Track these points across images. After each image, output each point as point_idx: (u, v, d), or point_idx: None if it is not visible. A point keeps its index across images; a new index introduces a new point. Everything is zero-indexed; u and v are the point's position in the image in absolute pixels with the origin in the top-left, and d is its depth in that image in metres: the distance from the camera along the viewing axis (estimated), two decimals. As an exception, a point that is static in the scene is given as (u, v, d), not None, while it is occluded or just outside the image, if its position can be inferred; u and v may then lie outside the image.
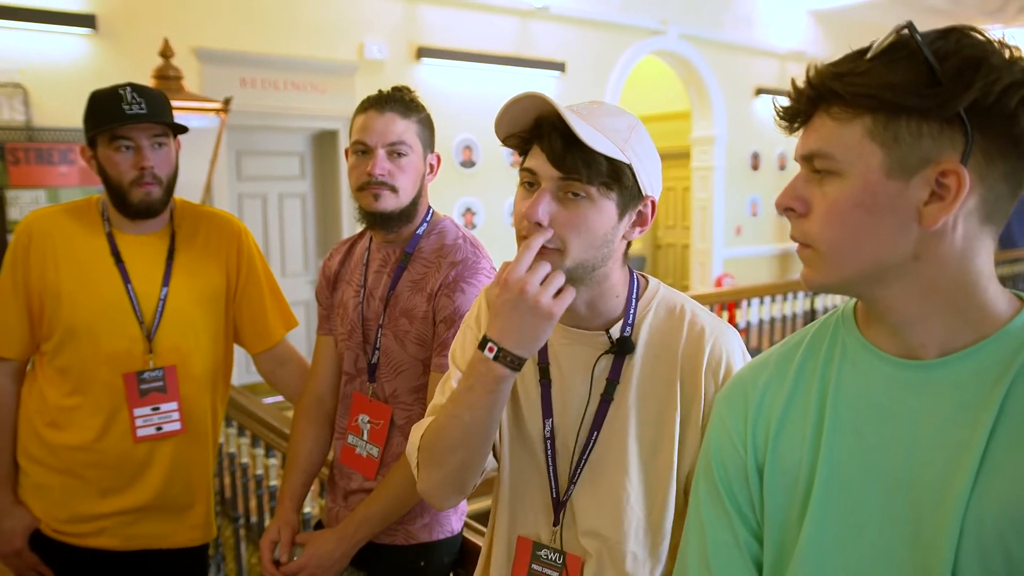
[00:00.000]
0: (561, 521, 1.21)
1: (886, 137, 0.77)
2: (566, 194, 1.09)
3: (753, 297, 6.36)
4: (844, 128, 0.79)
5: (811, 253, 0.84)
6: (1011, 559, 0.74)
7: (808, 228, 0.84)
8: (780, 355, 0.98)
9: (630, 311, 1.19)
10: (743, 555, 0.95)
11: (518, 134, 1.13)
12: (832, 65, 0.81)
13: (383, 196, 1.56)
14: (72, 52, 4.91)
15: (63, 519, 1.79)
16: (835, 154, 0.80)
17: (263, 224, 6.02)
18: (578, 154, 1.06)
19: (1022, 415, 0.76)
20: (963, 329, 0.81)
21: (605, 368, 1.18)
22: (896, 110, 0.76)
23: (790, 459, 0.90)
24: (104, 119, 1.70)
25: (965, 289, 0.80)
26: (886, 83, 0.76)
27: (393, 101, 1.58)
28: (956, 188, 0.75)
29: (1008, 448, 0.76)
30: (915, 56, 0.76)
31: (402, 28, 6.29)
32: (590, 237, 1.10)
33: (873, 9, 9.16)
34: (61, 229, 1.78)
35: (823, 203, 0.81)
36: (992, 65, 0.74)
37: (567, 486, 1.20)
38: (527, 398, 1.25)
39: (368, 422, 1.64)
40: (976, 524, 0.75)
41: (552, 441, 1.21)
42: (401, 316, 1.60)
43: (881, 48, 0.77)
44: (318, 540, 1.58)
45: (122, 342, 1.76)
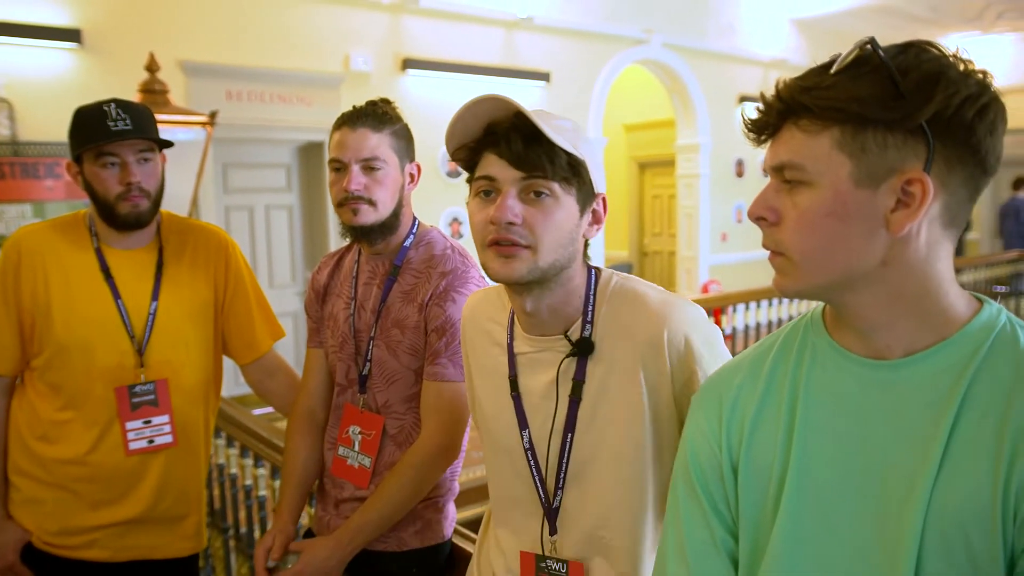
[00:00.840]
0: (557, 529, 1.23)
1: (854, 148, 0.80)
2: (529, 194, 1.11)
3: (739, 303, 6.42)
4: (813, 140, 0.82)
5: (784, 261, 0.87)
6: (971, 548, 0.78)
7: (780, 237, 0.86)
8: (753, 358, 1.01)
9: (588, 309, 1.20)
10: (719, 552, 0.98)
11: (467, 145, 1.16)
12: (800, 79, 0.84)
13: (361, 210, 1.59)
14: (58, 66, 4.92)
15: (54, 532, 1.80)
16: (805, 165, 0.82)
17: (250, 236, 6.03)
18: (540, 151, 1.09)
19: (980, 412, 0.80)
20: (926, 330, 0.85)
21: (570, 370, 1.20)
22: (863, 122, 0.79)
23: (763, 458, 0.93)
24: (90, 136, 1.72)
25: (928, 293, 0.84)
26: (852, 96, 0.79)
27: (365, 116, 1.60)
28: (921, 195, 0.79)
29: (967, 443, 0.79)
30: (879, 70, 0.79)
31: (388, 40, 6.32)
32: (559, 234, 1.13)
33: (854, 18, 9.27)
34: (50, 245, 1.80)
35: (794, 212, 0.84)
36: (950, 79, 0.78)
37: (555, 493, 1.22)
38: (502, 413, 1.26)
39: (359, 433, 1.66)
40: (939, 516, 0.79)
41: (532, 451, 1.23)
42: (393, 327, 1.63)
43: (846, 62, 0.80)
44: (314, 547, 1.59)
45: (113, 357, 1.78)
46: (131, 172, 1.74)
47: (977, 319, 0.84)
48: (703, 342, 1.17)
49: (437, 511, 1.68)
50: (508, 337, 1.27)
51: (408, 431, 1.63)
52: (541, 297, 1.18)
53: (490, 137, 1.13)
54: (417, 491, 1.58)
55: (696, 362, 1.16)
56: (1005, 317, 0.85)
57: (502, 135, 1.11)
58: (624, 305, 1.20)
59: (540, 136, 1.09)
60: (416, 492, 1.58)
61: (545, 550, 1.24)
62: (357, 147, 1.58)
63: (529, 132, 1.09)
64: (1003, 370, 0.81)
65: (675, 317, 1.16)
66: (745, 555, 0.96)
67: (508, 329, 1.28)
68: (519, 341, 1.25)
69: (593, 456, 1.19)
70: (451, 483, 1.71)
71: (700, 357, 1.16)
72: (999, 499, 0.76)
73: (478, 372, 1.34)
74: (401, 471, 1.57)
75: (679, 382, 1.16)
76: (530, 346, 1.24)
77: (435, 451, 1.57)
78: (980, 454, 0.79)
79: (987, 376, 0.81)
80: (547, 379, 1.22)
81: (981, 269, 8.54)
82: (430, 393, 1.58)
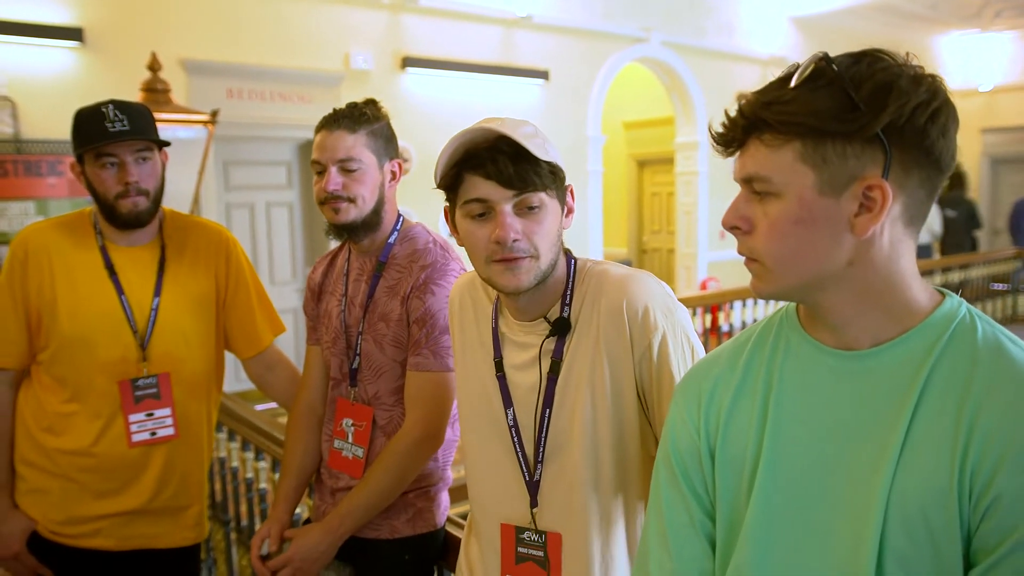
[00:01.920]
0: (538, 502, 1.30)
1: (815, 159, 0.85)
2: (522, 208, 1.20)
3: (737, 300, 6.45)
4: (776, 153, 0.86)
5: (758, 266, 0.92)
6: (931, 527, 0.83)
7: (753, 244, 0.91)
8: (731, 351, 1.06)
9: (567, 292, 1.29)
10: (698, 534, 1.03)
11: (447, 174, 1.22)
12: (760, 94, 0.88)
13: (342, 208, 1.65)
14: (60, 65, 4.96)
15: (60, 521, 1.85)
16: (771, 177, 0.87)
17: (251, 233, 6.07)
18: (528, 167, 1.18)
19: (939, 399, 0.85)
20: (891, 323, 0.90)
21: (549, 350, 1.28)
22: (822, 135, 0.84)
23: (738, 444, 0.99)
24: (88, 137, 1.77)
25: (893, 288, 0.90)
26: (810, 110, 0.83)
27: (342, 119, 1.66)
28: (881, 200, 0.84)
29: (927, 429, 0.84)
30: (834, 84, 0.83)
31: (387, 38, 6.36)
32: (552, 238, 1.23)
33: (853, 15, 9.29)
34: (56, 243, 1.84)
35: (765, 221, 0.89)
36: (901, 88, 0.82)
37: (535, 467, 1.30)
38: (488, 393, 1.34)
39: (352, 425, 1.72)
40: (900, 497, 0.84)
41: (516, 428, 1.31)
42: (379, 321, 1.69)
43: (803, 77, 0.85)
44: (304, 533, 1.66)
45: (116, 351, 1.83)
46: (129, 172, 1.79)
47: (939, 311, 0.90)
48: (661, 312, 1.24)
49: (429, 500, 1.73)
50: (494, 321, 1.36)
51: (397, 422, 1.68)
52: (535, 293, 1.27)
53: (473, 160, 1.19)
54: (402, 478, 1.64)
55: (653, 332, 1.22)
56: (965, 309, 0.90)
57: (487, 158, 1.18)
58: (593, 282, 1.29)
59: (522, 153, 1.17)
60: (401, 479, 1.64)
61: (525, 522, 1.32)
62: (333, 148, 1.64)
63: (511, 150, 1.17)
64: (961, 359, 0.86)
65: (634, 288, 1.24)
66: (721, 536, 1.01)
67: (494, 314, 1.36)
68: (506, 325, 1.34)
69: (567, 430, 1.27)
70: (443, 472, 1.76)
71: (656, 326, 1.23)
72: (955, 481, 0.81)
73: (465, 353, 1.41)
74: (386, 458, 1.63)
75: (638, 353, 1.23)
76: (516, 329, 1.32)
77: (418, 439, 1.62)
78: (939, 439, 0.83)
79: (946, 365, 0.86)
80: (530, 359, 1.30)
81: (980, 267, 8.56)
82: (413, 383, 1.64)
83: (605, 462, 1.26)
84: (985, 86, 11.05)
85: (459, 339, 1.43)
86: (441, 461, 1.74)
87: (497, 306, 1.36)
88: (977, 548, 0.81)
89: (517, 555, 1.32)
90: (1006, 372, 0.83)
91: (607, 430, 1.25)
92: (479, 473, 1.39)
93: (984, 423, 0.81)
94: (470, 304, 1.42)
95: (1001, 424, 0.80)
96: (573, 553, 1.28)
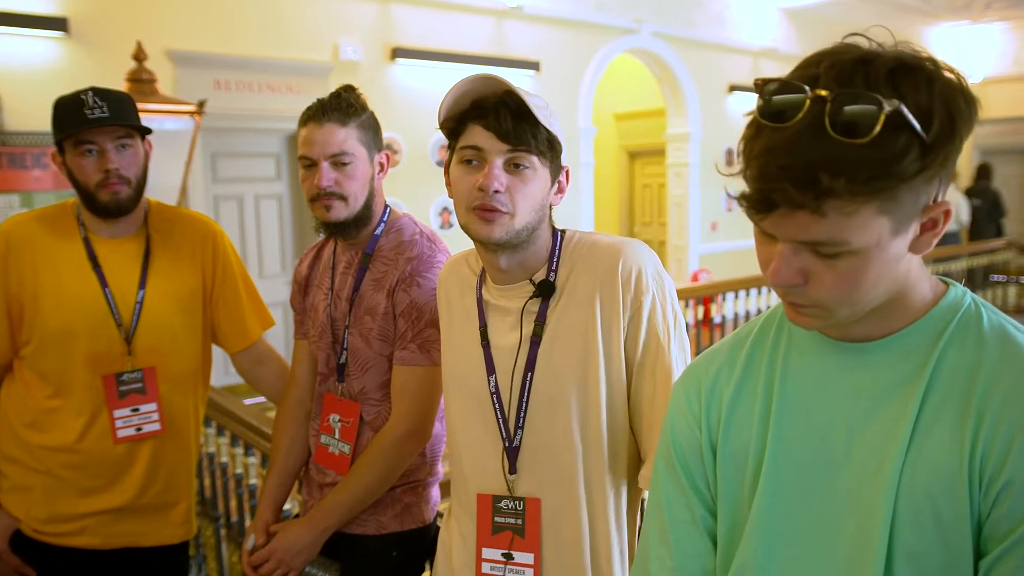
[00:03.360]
0: (516, 468, 1.30)
1: (893, 207, 0.78)
2: (510, 165, 1.23)
3: (729, 291, 6.45)
4: (853, 218, 0.77)
5: (819, 310, 0.85)
6: (940, 519, 0.81)
7: (816, 295, 0.83)
8: (731, 344, 1.04)
9: (553, 258, 1.30)
10: (699, 530, 1.01)
11: (455, 116, 1.26)
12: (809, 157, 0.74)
13: (334, 206, 1.61)
14: (44, 55, 4.89)
15: (43, 519, 1.81)
16: (849, 240, 0.78)
17: (240, 226, 6.02)
18: (527, 127, 1.21)
19: (946, 388, 0.84)
20: (898, 316, 0.88)
21: (533, 312, 1.29)
22: (901, 183, 0.76)
23: (740, 438, 0.97)
24: (67, 125, 1.73)
25: (908, 288, 0.88)
26: (891, 171, 0.74)
27: (331, 110, 1.60)
28: (944, 218, 0.82)
29: (934, 419, 0.83)
30: (901, 129, 0.73)
31: (377, 29, 6.31)
32: (533, 202, 1.25)
33: (844, 7, 9.28)
34: (38, 235, 1.80)
35: (832, 273, 0.81)
36: (962, 112, 0.76)
37: (515, 432, 1.29)
38: (472, 362, 1.34)
39: (339, 420, 1.69)
40: (909, 489, 0.82)
41: (498, 395, 1.31)
42: (366, 314, 1.65)
43: (873, 135, 0.73)
44: (287, 528, 1.65)
45: (101, 345, 1.79)
46: (109, 159, 1.75)
47: (943, 301, 0.88)
48: (653, 276, 1.27)
49: (417, 495, 1.70)
50: (478, 292, 1.37)
51: (384, 418, 1.66)
52: (513, 254, 1.29)
53: (477, 111, 1.24)
54: (388, 473, 1.61)
55: (644, 294, 1.25)
56: (970, 298, 0.89)
57: (491, 109, 1.22)
58: (584, 249, 1.31)
59: (525, 113, 1.21)
60: (387, 474, 1.61)
61: (503, 490, 1.31)
62: (325, 142, 1.59)
63: (516, 109, 1.21)
64: (967, 348, 0.85)
65: (629, 251, 1.27)
66: (724, 532, 0.99)
67: (478, 285, 1.37)
68: (489, 292, 1.35)
69: (550, 394, 1.27)
70: (432, 467, 1.73)
71: (649, 289, 1.26)
72: (965, 470, 0.80)
73: (451, 325, 1.41)
74: (371, 453, 1.61)
75: (628, 313, 1.25)
76: (499, 294, 1.33)
77: (403, 434, 1.60)
78: (946, 428, 0.82)
79: (953, 354, 0.85)
80: (511, 324, 1.31)
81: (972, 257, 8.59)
82: (399, 378, 1.62)
83: (594, 426, 1.26)
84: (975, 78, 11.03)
85: (445, 313, 1.44)
86: (430, 456, 1.72)
87: (482, 276, 1.38)
88: (988, 536, 0.79)
89: (494, 525, 1.31)
90: (1013, 359, 0.82)
91: (597, 393, 1.25)
92: (460, 444, 1.39)
93: (993, 410, 0.80)
94: (456, 280, 1.43)
95: (1010, 410, 0.79)
96: (555, 518, 1.28)
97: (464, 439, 1.37)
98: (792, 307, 0.88)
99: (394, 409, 1.62)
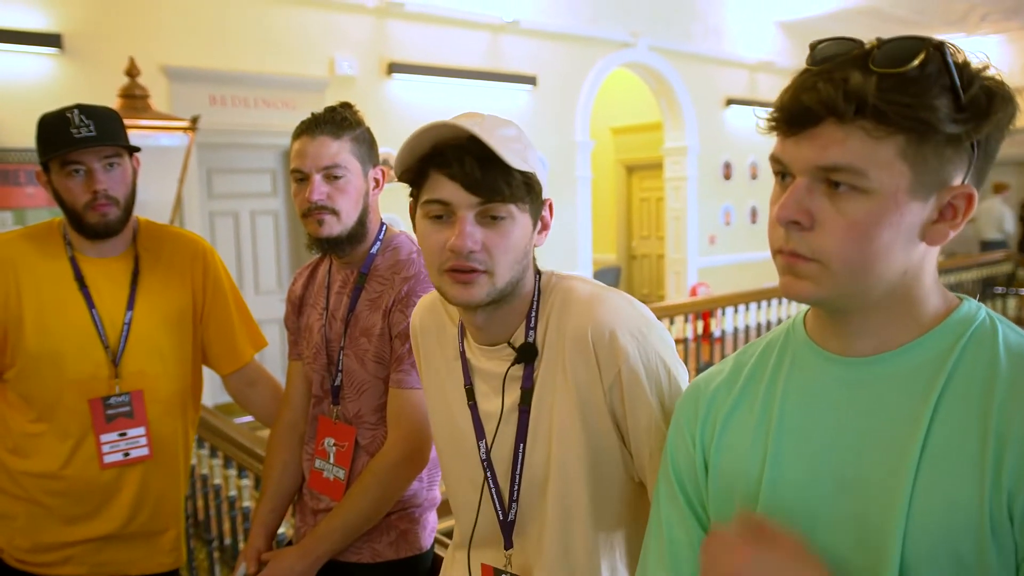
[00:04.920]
0: (512, 543, 1.20)
1: (916, 158, 0.75)
2: (486, 217, 1.08)
3: (728, 306, 6.42)
4: (878, 145, 0.75)
5: (817, 267, 0.80)
6: (960, 557, 0.74)
7: (820, 243, 0.79)
8: (735, 361, 1.00)
9: (532, 315, 1.17)
10: (697, 553, 0.95)
11: (412, 167, 1.11)
12: (860, 69, 0.76)
13: (326, 221, 1.56)
14: (37, 72, 4.86)
15: (27, 548, 1.76)
16: (868, 171, 0.76)
17: (235, 242, 5.97)
18: (498, 174, 1.05)
19: (958, 407, 0.78)
20: (908, 328, 0.83)
21: (518, 378, 1.16)
22: (928, 133, 0.75)
23: (732, 458, 0.92)
24: (53, 145, 1.68)
25: (920, 296, 0.83)
26: (927, 104, 0.74)
27: (324, 123, 1.57)
28: (966, 208, 0.78)
29: (947, 442, 0.77)
30: (943, 78, 0.74)
31: (373, 44, 6.29)
32: (515, 255, 1.11)
33: (840, 20, 9.30)
34: (23, 255, 1.75)
35: (840, 220, 0.78)
36: (1005, 97, 0.76)
37: (509, 505, 1.19)
38: (459, 424, 1.23)
39: (334, 445, 1.64)
40: (922, 523, 0.76)
41: (489, 462, 1.20)
42: (361, 335, 1.60)
43: (920, 61, 0.75)
44: (280, 555, 1.60)
45: (87, 368, 1.74)
46: (97, 180, 1.69)
47: (955, 314, 0.83)
48: (630, 335, 1.10)
49: (413, 522, 1.65)
50: (460, 346, 1.24)
51: (380, 442, 1.61)
52: (494, 311, 1.15)
53: (440, 157, 1.07)
54: (383, 500, 1.56)
55: (623, 358, 1.09)
56: (984, 313, 0.83)
57: (453, 157, 1.05)
58: (557, 303, 1.16)
59: (494, 157, 1.04)
60: (382, 501, 1.56)
61: (501, 564, 1.22)
62: (317, 155, 1.55)
63: (482, 153, 1.04)
64: (981, 364, 0.79)
65: (599, 311, 1.12)
66: None
67: (459, 339, 1.25)
68: (471, 352, 1.22)
69: (544, 466, 1.16)
70: (428, 492, 1.68)
71: (626, 352, 1.09)
72: (987, 504, 0.74)
73: (432, 381, 1.31)
74: (365, 480, 1.56)
75: (607, 381, 1.11)
76: (479, 354, 1.21)
77: (399, 459, 1.55)
78: (963, 456, 0.76)
79: (965, 370, 0.79)
80: (496, 387, 1.18)
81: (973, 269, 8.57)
82: (395, 401, 1.56)
83: (579, 500, 1.14)
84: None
85: (424, 366, 1.33)
86: (427, 481, 1.66)
87: (462, 329, 1.24)
88: None
89: None
90: None
91: (579, 466, 1.13)
92: (458, 506, 1.29)
93: (1016, 433, 0.73)
94: (432, 328, 1.30)
95: None
96: None
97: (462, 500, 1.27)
98: (788, 267, 0.82)
99: (390, 434, 1.57)
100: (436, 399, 1.30)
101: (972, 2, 9.06)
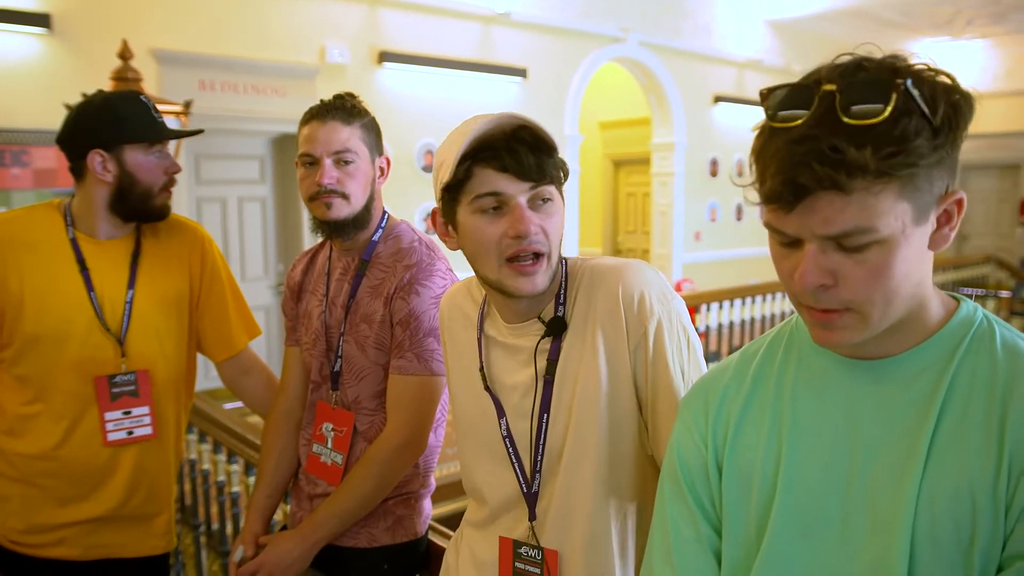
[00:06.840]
0: (536, 515, 1.23)
1: (912, 192, 0.78)
2: (536, 201, 1.15)
3: (712, 302, 6.46)
4: (879, 198, 0.77)
5: (850, 316, 0.82)
6: (961, 541, 0.80)
7: (849, 295, 0.81)
8: (739, 361, 1.02)
9: (561, 292, 1.23)
10: (704, 550, 0.99)
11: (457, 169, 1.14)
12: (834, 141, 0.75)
13: (335, 204, 1.58)
14: (25, 52, 4.81)
15: (20, 529, 1.76)
16: (876, 225, 0.77)
17: (223, 228, 5.95)
18: (545, 159, 1.14)
19: (963, 406, 0.83)
20: (911, 332, 0.87)
21: (545, 351, 1.22)
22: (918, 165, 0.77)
23: (747, 458, 0.95)
24: (148, 132, 1.75)
25: (925, 300, 0.87)
26: (914, 148, 0.76)
27: (335, 109, 1.59)
28: (958, 209, 0.82)
29: (953, 437, 0.82)
30: (912, 110, 0.76)
31: (364, 32, 6.27)
32: (561, 234, 1.19)
33: (828, 21, 9.37)
34: (22, 236, 1.75)
35: (860, 270, 0.80)
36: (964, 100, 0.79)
37: (533, 477, 1.23)
38: (481, 404, 1.27)
39: (332, 430, 1.66)
40: (929, 504, 0.81)
41: (511, 438, 1.24)
42: (361, 322, 1.62)
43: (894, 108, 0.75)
44: (278, 540, 1.61)
45: (86, 348, 1.74)
46: (174, 164, 1.81)
47: (956, 317, 0.88)
48: (657, 297, 1.18)
49: (409, 507, 1.67)
50: (479, 328, 1.30)
51: (378, 427, 1.62)
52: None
53: (488, 151, 1.13)
54: (381, 485, 1.58)
55: (648, 318, 1.16)
56: (981, 314, 0.88)
57: (503, 148, 1.12)
58: (585, 277, 1.24)
59: (540, 144, 1.14)
60: (380, 486, 1.58)
61: (523, 536, 1.25)
62: (328, 140, 1.57)
63: (532, 141, 1.13)
64: (982, 364, 0.84)
65: (630, 274, 1.19)
66: (730, 552, 0.97)
67: (479, 321, 1.30)
68: (496, 329, 1.27)
69: (562, 437, 1.21)
70: (425, 479, 1.70)
71: (654, 313, 1.16)
72: (990, 489, 0.79)
73: (457, 365, 1.35)
74: (364, 465, 1.57)
75: (633, 341, 1.17)
76: (506, 332, 1.26)
77: (399, 445, 1.56)
78: (969, 447, 0.81)
79: (967, 371, 0.84)
80: (521, 362, 1.24)
81: (950, 271, 8.67)
82: (395, 387, 1.58)
83: (593, 469, 1.18)
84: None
85: (450, 351, 1.37)
86: (423, 467, 1.68)
87: (483, 310, 1.30)
88: (1010, 554, 0.78)
89: (515, 570, 1.25)
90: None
91: (596, 436, 1.18)
92: (477, 485, 1.32)
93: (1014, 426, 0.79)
94: (459, 315, 1.36)
95: None
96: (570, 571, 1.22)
97: (482, 478, 1.30)
98: (821, 323, 0.84)
99: (389, 419, 1.59)
100: (461, 382, 1.33)
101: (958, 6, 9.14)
